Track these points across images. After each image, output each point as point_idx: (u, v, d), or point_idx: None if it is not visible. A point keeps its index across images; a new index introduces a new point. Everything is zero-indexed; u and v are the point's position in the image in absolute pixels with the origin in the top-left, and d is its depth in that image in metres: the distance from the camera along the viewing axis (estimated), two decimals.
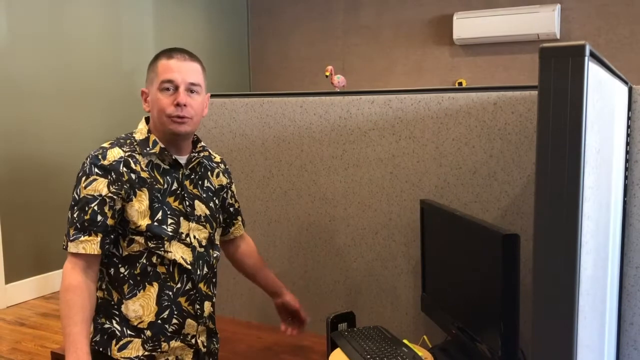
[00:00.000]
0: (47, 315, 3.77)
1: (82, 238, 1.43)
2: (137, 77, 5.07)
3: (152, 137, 1.52)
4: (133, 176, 1.47)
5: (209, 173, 1.65)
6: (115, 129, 4.85)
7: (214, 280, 1.64)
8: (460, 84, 5.53)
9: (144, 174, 1.49)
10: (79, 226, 1.44)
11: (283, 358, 1.84)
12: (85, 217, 1.44)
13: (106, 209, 1.44)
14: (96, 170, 1.45)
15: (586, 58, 0.72)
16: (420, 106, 1.85)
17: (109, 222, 1.45)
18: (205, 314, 1.60)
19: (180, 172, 1.56)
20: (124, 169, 1.46)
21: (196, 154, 1.59)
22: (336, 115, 2.00)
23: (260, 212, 2.19)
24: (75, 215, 1.45)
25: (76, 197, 1.45)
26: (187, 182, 1.57)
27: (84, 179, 1.45)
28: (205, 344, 1.62)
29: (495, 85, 1.77)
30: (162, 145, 1.52)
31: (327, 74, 4.59)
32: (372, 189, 1.97)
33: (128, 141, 1.52)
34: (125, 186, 1.46)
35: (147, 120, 1.58)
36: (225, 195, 1.71)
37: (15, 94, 4.03)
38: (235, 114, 2.19)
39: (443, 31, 5.57)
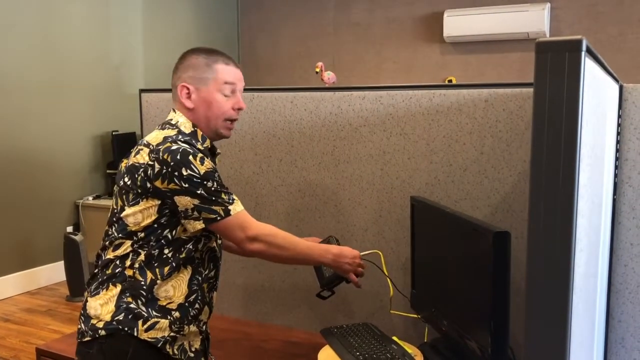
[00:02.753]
0: (32, 311, 3.72)
1: (235, 198, 1.49)
2: (125, 71, 5.02)
3: (200, 132, 1.56)
4: None
5: None
6: (103, 123, 4.81)
7: (218, 274, 1.69)
8: (450, 81, 5.54)
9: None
10: (226, 189, 1.48)
11: (271, 354, 1.83)
12: (223, 183, 1.49)
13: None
14: (195, 150, 1.47)
15: (583, 53, 0.71)
16: (412, 102, 1.84)
17: None
18: (214, 303, 1.65)
19: None
20: None
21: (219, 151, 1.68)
22: (327, 111, 1.98)
23: (250, 208, 2.17)
24: (215, 185, 1.46)
25: (197, 175, 1.44)
26: None
27: (191, 158, 1.44)
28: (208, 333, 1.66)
29: (487, 82, 1.76)
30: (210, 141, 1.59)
31: (318, 70, 4.58)
32: (362, 186, 1.96)
33: (180, 133, 1.54)
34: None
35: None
36: None
37: (1, 88, 3.98)
38: None
39: (433, 29, 5.57)
